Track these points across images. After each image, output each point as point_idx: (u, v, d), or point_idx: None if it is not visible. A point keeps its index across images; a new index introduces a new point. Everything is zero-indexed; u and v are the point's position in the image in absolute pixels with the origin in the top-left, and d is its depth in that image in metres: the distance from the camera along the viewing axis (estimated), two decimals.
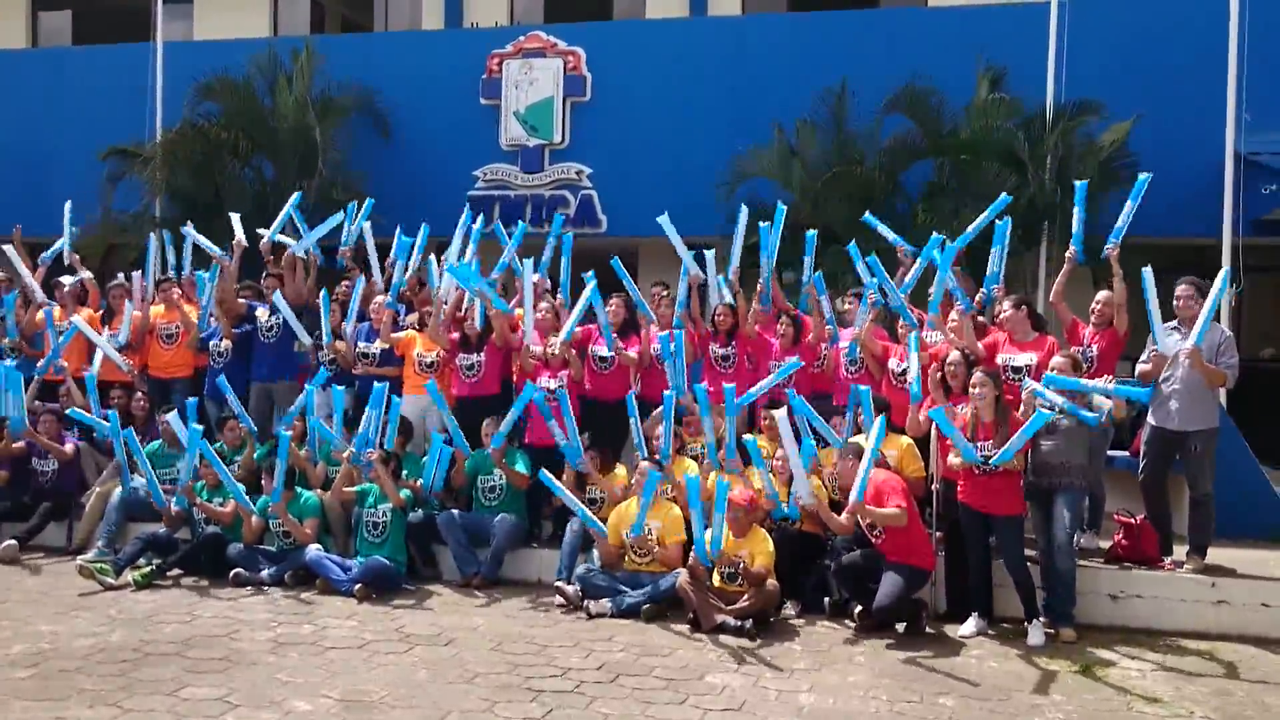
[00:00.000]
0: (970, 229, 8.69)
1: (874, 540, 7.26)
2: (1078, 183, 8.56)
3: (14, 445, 9.47)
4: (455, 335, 9.21)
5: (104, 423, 9.09)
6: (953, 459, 7.27)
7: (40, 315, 10.31)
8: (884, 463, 7.42)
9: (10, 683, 5.97)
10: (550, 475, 7.98)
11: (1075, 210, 8.36)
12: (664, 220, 9.26)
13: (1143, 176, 8.03)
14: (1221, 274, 7.66)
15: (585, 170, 14.93)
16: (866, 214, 9.50)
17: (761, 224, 9.20)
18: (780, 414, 7.40)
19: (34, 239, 10.97)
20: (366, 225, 10.43)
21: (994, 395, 7.11)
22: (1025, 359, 7.76)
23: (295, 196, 10.59)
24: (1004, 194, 8.85)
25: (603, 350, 8.99)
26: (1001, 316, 8.09)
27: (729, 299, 9.19)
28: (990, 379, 7.16)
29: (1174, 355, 7.59)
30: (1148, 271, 7.53)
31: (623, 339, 9.01)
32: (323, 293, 9.73)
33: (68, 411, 9.32)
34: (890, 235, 9.35)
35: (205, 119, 14.32)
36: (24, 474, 9.56)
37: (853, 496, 7.03)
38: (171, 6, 16.45)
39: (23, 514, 9.29)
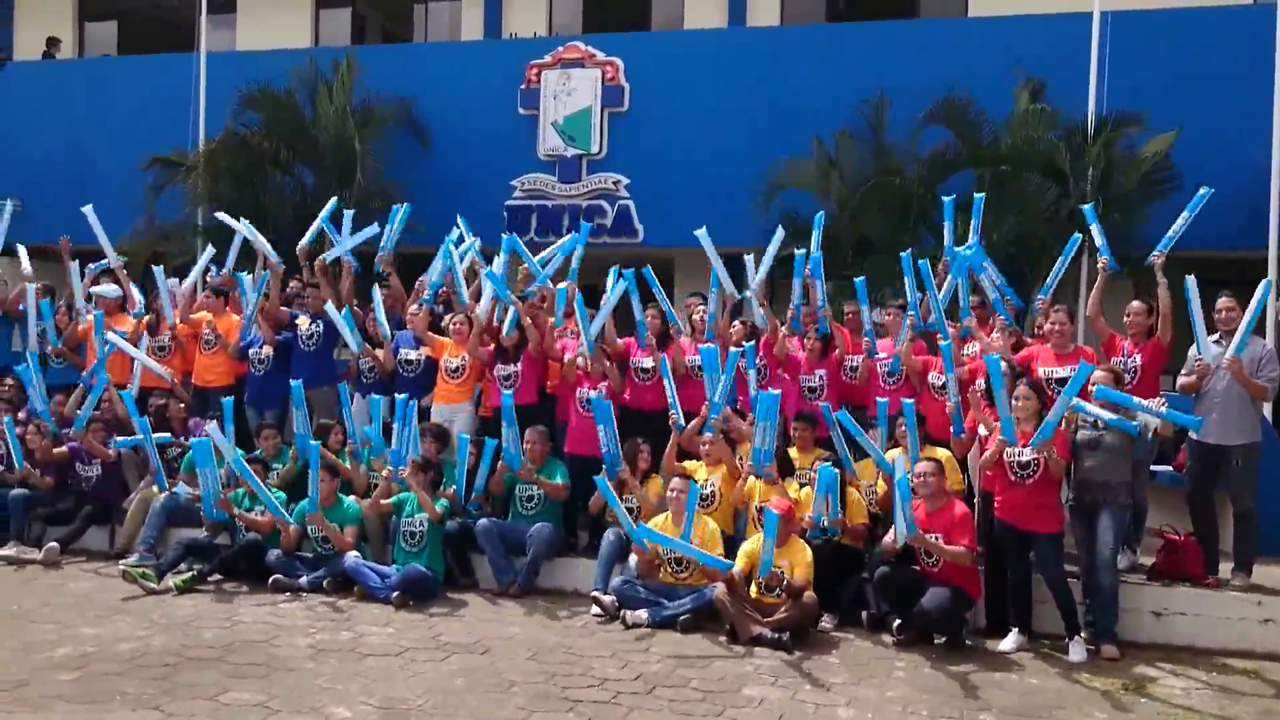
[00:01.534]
0: (1050, 279, 8.64)
1: (927, 567, 7.20)
2: (1084, 207, 8.59)
3: (55, 450, 9.58)
4: (492, 347, 9.24)
5: (147, 449, 9.13)
6: (988, 455, 7.22)
7: (89, 319, 10.37)
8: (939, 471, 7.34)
9: (54, 685, 6.04)
10: (607, 482, 7.93)
11: (1092, 229, 8.36)
12: (702, 234, 9.26)
13: (1202, 190, 7.98)
14: (1262, 285, 7.56)
15: (622, 180, 14.98)
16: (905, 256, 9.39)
17: (798, 251, 9.18)
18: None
19: (79, 247, 11.10)
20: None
21: (1037, 407, 7.07)
22: (1067, 371, 7.68)
23: (330, 204, 10.61)
24: (1074, 234, 8.88)
25: (645, 362, 8.99)
26: (1049, 326, 8.01)
27: (759, 316, 9.17)
28: (1034, 390, 7.11)
29: (1214, 367, 7.51)
30: (1191, 281, 7.45)
31: (659, 349, 9.00)
32: (375, 294, 9.75)
33: (115, 441, 9.41)
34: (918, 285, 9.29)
35: (247, 129, 14.50)
36: (68, 479, 9.67)
37: (901, 526, 6.96)
38: (215, 17, 16.70)
39: (66, 518, 9.40)
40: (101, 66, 18.43)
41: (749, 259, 9.36)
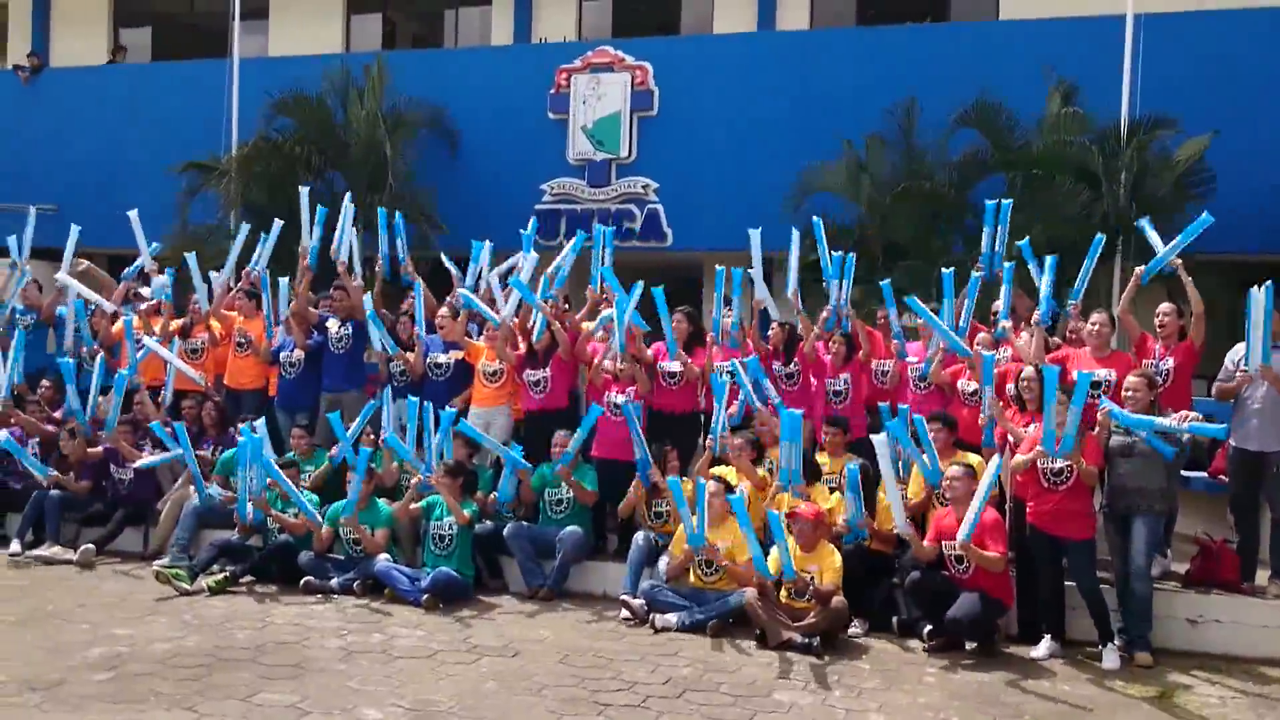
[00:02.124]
0: (1077, 284, 8.54)
1: (958, 574, 7.15)
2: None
3: (90, 450, 9.68)
4: (521, 351, 9.26)
5: (177, 449, 9.20)
6: (1020, 459, 7.17)
7: (119, 326, 10.51)
8: (971, 475, 7.30)
9: (90, 685, 6.09)
10: (679, 482, 7.89)
11: (1151, 236, 8.26)
12: (755, 235, 9.23)
13: (1203, 217, 7.92)
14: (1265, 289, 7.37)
15: (652, 184, 15.00)
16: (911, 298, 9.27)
17: (835, 253, 9.16)
18: (880, 440, 7.27)
19: (113, 250, 11.23)
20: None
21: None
22: (1103, 374, 7.64)
23: (346, 208, 10.50)
24: (1099, 234, 8.75)
25: (672, 366, 8.99)
26: (1089, 328, 7.94)
27: (779, 318, 9.17)
28: (1067, 395, 7.04)
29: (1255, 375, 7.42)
30: (1268, 289, 7.21)
31: (687, 353, 9.01)
32: (419, 289, 9.79)
33: (150, 425, 9.52)
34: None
35: (279, 134, 14.61)
36: (103, 481, 9.78)
37: (961, 534, 6.90)
38: (248, 23, 16.83)
39: (101, 520, 9.50)
40: (136, 73, 18.62)
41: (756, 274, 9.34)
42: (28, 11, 19.95)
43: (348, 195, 10.75)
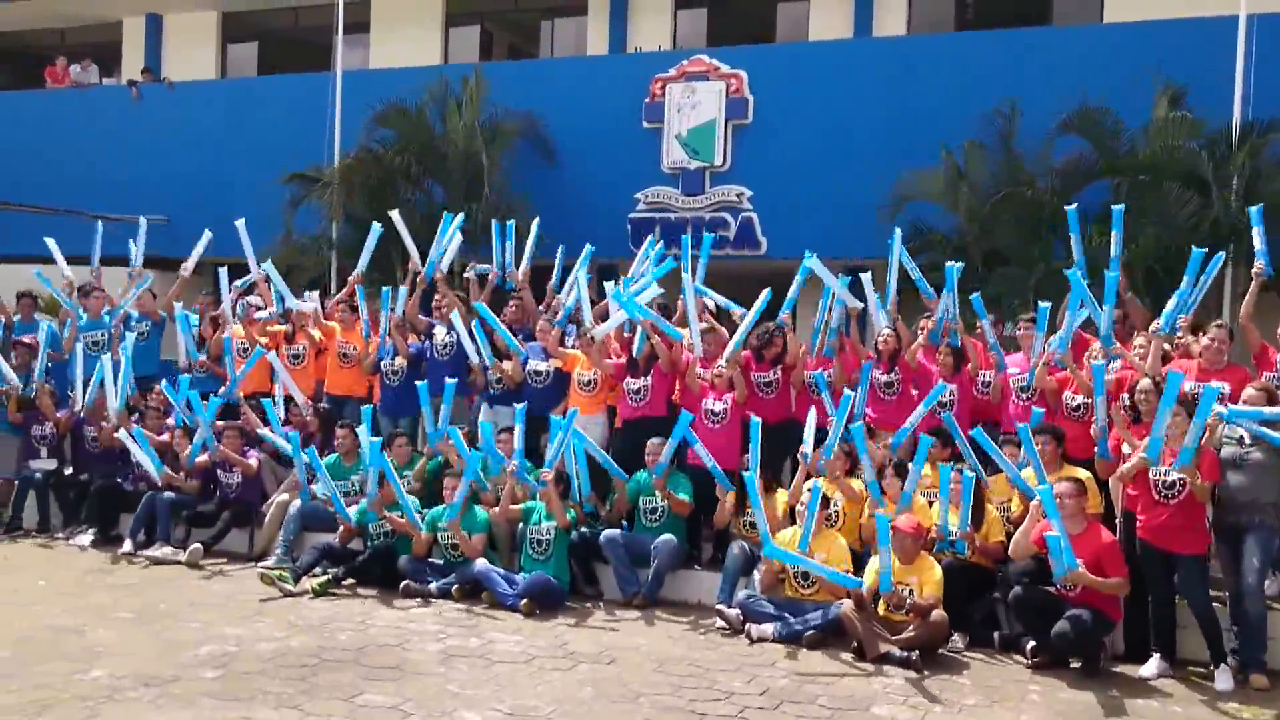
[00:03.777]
0: (1188, 293, 8.22)
1: (1063, 589, 6.97)
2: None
3: (199, 460, 9.95)
4: (622, 360, 9.30)
5: (285, 444, 9.47)
6: (1125, 467, 6.99)
7: (224, 335, 10.80)
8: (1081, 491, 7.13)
9: (200, 683, 6.27)
10: (754, 479, 7.91)
11: (1255, 230, 8.04)
12: (814, 262, 9.20)
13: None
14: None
15: (746, 193, 14.93)
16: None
17: (949, 264, 9.07)
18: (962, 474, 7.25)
19: (219, 259, 11.54)
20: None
21: (1186, 425, 6.76)
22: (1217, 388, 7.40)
23: (446, 219, 10.71)
24: (1219, 251, 8.53)
25: (766, 375, 8.97)
26: (1206, 341, 7.71)
27: (888, 325, 9.07)
28: (1182, 407, 6.83)
29: None
30: None
31: (773, 365, 9.06)
32: (482, 310, 9.90)
33: (259, 432, 9.79)
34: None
35: (380, 144, 14.89)
36: (211, 484, 10.07)
37: (1057, 571, 6.73)
38: (350, 37, 17.19)
39: (208, 520, 9.78)
40: (242, 87, 19.15)
41: (866, 277, 9.25)
42: (141, 30, 20.64)
43: (459, 217, 10.92)
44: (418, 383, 9.22)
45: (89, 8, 20.58)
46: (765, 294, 9.02)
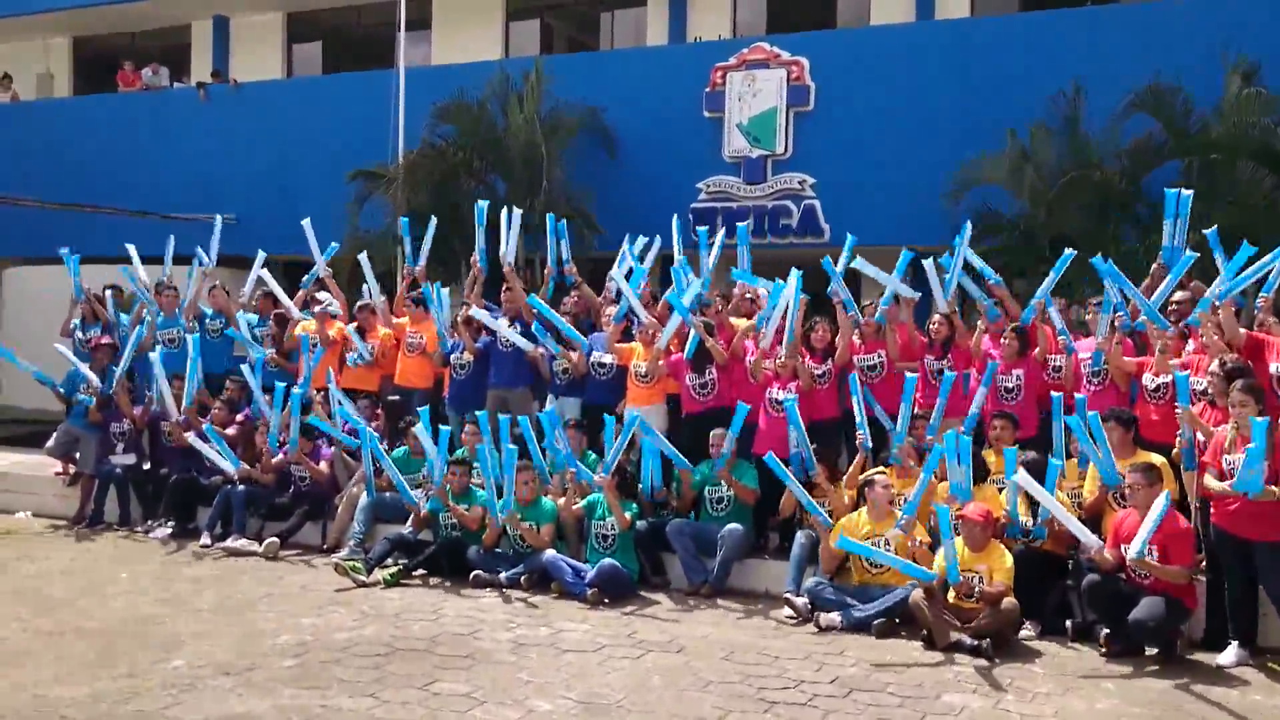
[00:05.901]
0: (1273, 277, 8.01)
1: (1138, 577, 6.87)
2: None
3: (274, 460, 10.15)
4: (678, 357, 9.30)
5: (350, 436, 9.64)
6: (1212, 483, 6.84)
7: (298, 332, 10.97)
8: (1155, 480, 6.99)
9: (279, 670, 6.42)
10: (798, 485, 7.94)
11: None
12: (861, 263, 9.18)
13: None
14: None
15: (808, 180, 14.86)
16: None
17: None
18: (1020, 478, 7.12)
19: (291, 256, 11.73)
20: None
21: (1257, 411, 6.62)
22: None
23: (505, 213, 10.77)
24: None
25: (819, 368, 8.95)
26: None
27: (944, 309, 8.99)
28: (1252, 394, 6.68)
29: None
30: None
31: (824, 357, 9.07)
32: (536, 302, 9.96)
33: (309, 419, 9.98)
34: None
35: (443, 140, 15.03)
36: (284, 478, 10.26)
37: (1133, 550, 6.66)
38: (412, 34, 17.36)
39: (282, 513, 9.98)
40: (307, 86, 19.44)
41: (928, 263, 9.16)
42: (209, 33, 21.03)
43: (518, 211, 10.99)
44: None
45: (158, 11, 20.98)
46: (795, 275, 8.91)
